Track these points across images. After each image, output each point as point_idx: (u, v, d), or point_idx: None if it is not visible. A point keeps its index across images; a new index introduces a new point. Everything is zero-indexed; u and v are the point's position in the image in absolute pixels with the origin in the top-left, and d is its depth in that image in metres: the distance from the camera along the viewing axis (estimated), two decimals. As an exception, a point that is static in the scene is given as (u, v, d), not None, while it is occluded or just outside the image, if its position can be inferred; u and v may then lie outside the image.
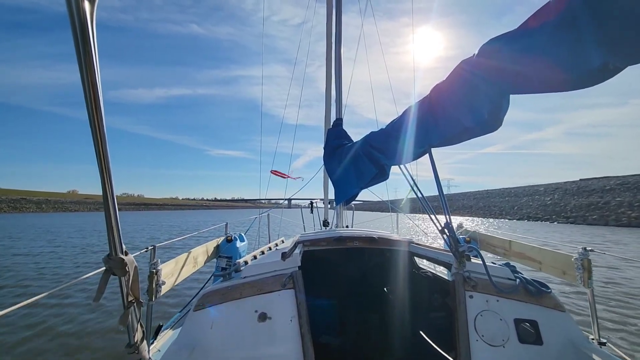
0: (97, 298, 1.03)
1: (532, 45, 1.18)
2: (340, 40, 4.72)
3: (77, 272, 8.07)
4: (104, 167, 0.94)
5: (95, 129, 0.89)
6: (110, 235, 1.02)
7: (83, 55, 0.82)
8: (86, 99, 0.86)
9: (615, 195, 38.65)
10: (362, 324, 2.77)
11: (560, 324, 1.50)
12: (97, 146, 0.91)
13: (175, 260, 2.06)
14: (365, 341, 2.66)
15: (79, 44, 0.81)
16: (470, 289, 1.59)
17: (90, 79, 0.84)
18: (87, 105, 0.87)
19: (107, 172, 0.95)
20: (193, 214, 61.64)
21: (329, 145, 3.39)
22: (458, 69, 1.53)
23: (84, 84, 0.84)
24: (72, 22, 0.78)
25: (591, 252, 1.69)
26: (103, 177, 0.95)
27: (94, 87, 0.85)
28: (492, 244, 2.95)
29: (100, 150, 0.91)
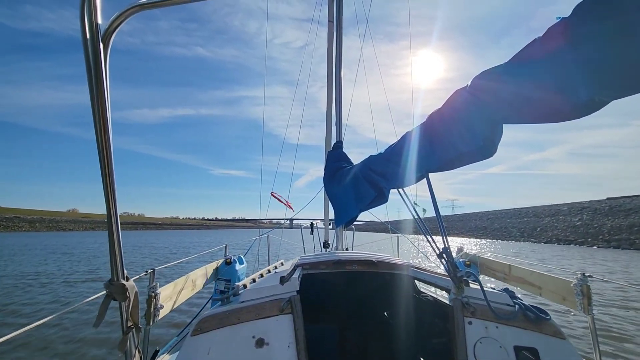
0: (97, 323, 1.04)
1: (521, 79, 1.23)
2: (341, 63, 4.87)
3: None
4: (110, 197, 0.97)
5: (104, 161, 0.93)
6: (112, 261, 1.03)
7: (96, 90, 0.87)
8: (96, 130, 0.91)
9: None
10: (362, 349, 2.71)
11: (561, 352, 1.48)
12: (104, 178, 0.94)
13: (174, 284, 2.06)
14: None
15: (92, 80, 0.86)
16: (469, 315, 1.58)
17: (101, 114, 0.89)
18: (97, 135, 0.91)
19: (112, 202, 0.98)
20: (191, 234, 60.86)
21: (328, 168, 3.44)
22: (453, 96, 1.59)
23: (95, 116, 0.89)
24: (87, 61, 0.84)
25: (590, 277, 1.69)
26: (109, 206, 0.98)
27: (104, 119, 0.89)
28: (492, 268, 2.93)
29: (107, 183, 0.95)
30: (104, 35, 0.86)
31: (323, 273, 2.33)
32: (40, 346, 4.92)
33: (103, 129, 0.92)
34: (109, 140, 0.93)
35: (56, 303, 7.64)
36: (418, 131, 1.85)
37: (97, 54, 0.84)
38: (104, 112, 0.90)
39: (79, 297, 7.96)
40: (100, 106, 0.89)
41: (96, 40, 0.83)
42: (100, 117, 0.90)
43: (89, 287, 9.53)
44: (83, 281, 10.38)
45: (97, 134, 0.92)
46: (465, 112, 1.49)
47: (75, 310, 6.15)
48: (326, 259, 2.41)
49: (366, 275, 2.73)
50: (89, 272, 12.27)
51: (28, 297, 8.23)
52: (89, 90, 0.88)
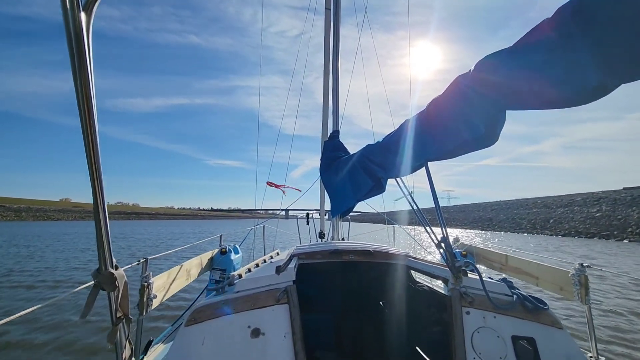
0: (85, 314, 1.00)
1: (527, 63, 1.19)
2: (338, 52, 4.78)
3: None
4: (96, 183, 0.92)
5: (89, 144, 0.87)
6: (100, 249, 0.99)
7: (78, 66, 0.81)
8: (80, 112, 0.85)
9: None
10: (358, 338, 2.72)
11: (558, 341, 1.48)
12: (90, 161, 0.89)
13: (167, 273, 2.02)
14: (361, 356, 2.61)
15: (73, 55, 0.80)
16: (467, 305, 1.57)
17: (84, 91, 0.83)
18: (81, 118, 0.85)
19: (99, 187, 0.93)
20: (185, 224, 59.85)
21: (325, 158, 3.40)
22: (455, 83, 1.54)
23: (77, 95, 0.83)
24: (68, 32, 0.77)
25: (588, 268, 1.68)
26: (95, 192, 0.93)
27: (87, 99, 0.84)
28: (488, 258, 2.93)
29: (93, 166, 0.90)
30: (86, 4, 0.80)
31: (319, 263, 2.31)
32: (24, 339, 4.74)
33: (87, 112, 0.86)
34: (94, 124, 0.88)
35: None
36: (417, 119, 1.80)
37: (77, 26, 0.77)
38: (88, 93, 0.84)
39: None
40: (83, 87, 0.83)
41: (77, 9, 0.76)
42: (84, 99, 0.84)
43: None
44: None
45: (82, 117, 0.86)
46: (468, 99, 1.45)
47: (64, 300, 6.13)
48: (322, 248, 2.38)
49: (362, 265, 2.72)
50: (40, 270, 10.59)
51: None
52: (71, 68, 0.82)
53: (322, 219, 5.61)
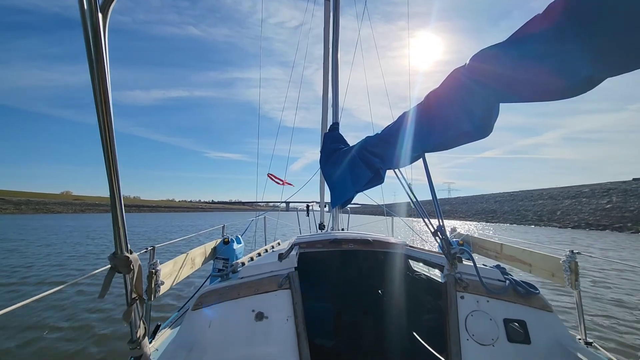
0: (102, 294, 1.07)
1: (520, 57, 1.23)
2: (337, 44, 4.78)
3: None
4: (111, 168, 0.97)
5: (105, 130, 0.92)
6: (116, 234, 1.05)
7: (96, 64, 0.85)
8: (96, 102, 0.90)
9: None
10: (357, 326, 2.80)
11: (547, 324, 1.55)
12: (105, 147, 0.94)
13: (173, 261, 2.09)
14: (360, 343, 2.69)
15: (91, 54, 0.85)
16: (462, 289, 1.64)
17: (101, 86, 0.88)
18: (97, 106, 0.90)
19: (114, 173, 0.98)
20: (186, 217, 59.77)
21: (325, 149, 3.44)
22: (451, 76, 1.59)
23: (95, 89, 0.88)
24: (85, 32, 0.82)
25: (578, 254, 1.75)
26: (110, 178, 0.98)
27: (104, 92, 0.89)
28: (484, 247, 3.01)
29: (108, 151, 0.95)
30: (103, 4, 0.84)
31: (319, 252, 2.37)
32: (46, 319, 5.19)
33: (104, 105, 0.91)
34: (110, 116, 0.93)
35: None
36: (415, 111, 1.85)
37: (96, 26, 0.82)
38: (105, 89, 0.89)
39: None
40: (100, 84, 0.88)
41: (94, 10, 0.81)
42: (101, 91, 0.90)
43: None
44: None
45: (98, 110, 0.91)
46: (463, 92, 1.50)
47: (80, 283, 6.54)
48: (323, 238, 2.45)
49: (361, 254, 2.79)
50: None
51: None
52: (88, 65, 0.86)
53: (322, 210, 5.68)
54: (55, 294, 1.16)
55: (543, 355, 1.49)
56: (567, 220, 37.06)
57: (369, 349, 2.58)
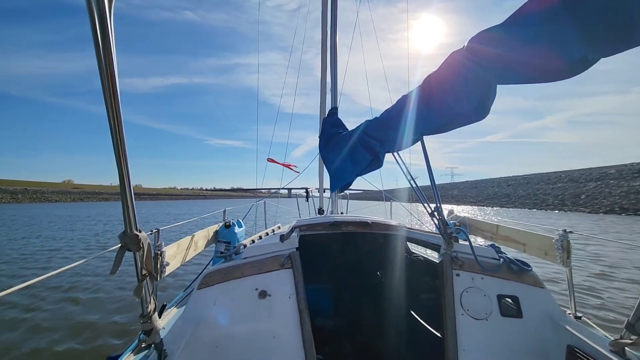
0: (113, 271, 1.12)
1: (517, 38, 1.25)
2: (336, 26, 4.71)
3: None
4: (120, 149, 1.00)
5: (112, 110, 0.94)
6: (125, 213, 1.09)
7: (102, 47, 0.87)
8: (104, 89, 0.92)
9: None
10: (356, 306, 2.89)
11: (539, 299, 1.62)
12: (113, 127, 0.96)
13: (177, 244, 2.15)
14: (359, 323, 2.79)
15: (97, 37, 0.86)
16: (457, 267, 1.70)
17: (109, 70, 0.89)
18: (105, 93, 0.92)
19: (122, 154, 1.01)
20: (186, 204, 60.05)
21: (324, 134, 3.45)
22: (449, 59, 1.60)
23: (101, 73, 0.90)
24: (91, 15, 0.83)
25: (570, 233, 1.80)
26: (119, 159, 1.01)
27: (111, 75, 0.90)
28: (480, 228, 3.07)
29: (116, 132, 0.97)
30: None
31: (319, 235, 2.43)
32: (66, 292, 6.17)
33: (112, 89, 0.93)
34: (117, 98, 0.94)
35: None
36: (414, 94, 1.87)
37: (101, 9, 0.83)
38: (112, 73, 0.91)
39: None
40: (108, 67, 0.90)
41: None
42: (109, 78, 0.92)
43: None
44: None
45: (105, 93, 0.93)
46: (461, 74, 1.51)
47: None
48: (322, 220, 2.50)
49: (360, 237, 2.85)
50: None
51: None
52: (95, 51, 0.88)
53: (322, 195, 5.73)
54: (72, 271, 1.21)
55: (534, 328, 1.56)
56: (597, 204, 33.53)
57: (368, 328, 2.67)
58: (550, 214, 32.42)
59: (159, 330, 1.29)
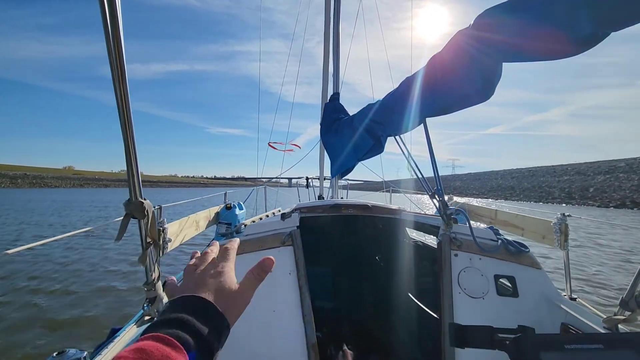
0: (119, 237, 1.14)
1: (524, 15, 1.24)
2: (339, 12, 4.65)
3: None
4: (125, 119, 1.00)
5: (117, 74, 0.95)
6: (130, 181, 1.10)
7: (111, 28, 0.88)
8: (112, 67, 0.94)
9: None
10: (355, 289, 2.93)
11: (535, 280, 1.64)
12: (119, 96, 0.97)
13: (179, 222, 2.16)
14: (357, 305, 2.83)
15: (106, 18, 0.87)
16: (456, 248, 1.72)
17: (117, 50, 0.91)
18: (113, 69, 0.94)
19: (128, 124, 1.02)
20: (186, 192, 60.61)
21: (325, 120, 3.45)
22: (455, 38, 1.59)
23: (110, 53, 0.92)
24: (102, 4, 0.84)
25: (569, 217, 1.82)
26: (125, 128, 1.02)
27: (120, 56, 0.92)
28: (479, 213, 3.10)
29: (122, 101, 0.98)
30: None
31: (320, 218, 2.45)
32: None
33: (120, 66, 0.94)
34: (124, 73, 0.95)
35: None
36: (417, 76, 1.86)
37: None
38: (120, 52, 0.92)
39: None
40: (116, 47, 0.91)
41: None
42: (117, 55, 0.93)
43: None
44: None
45: (113, 69, 0.94)
46: (467, 53, 1.50)
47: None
48: (323, 203, 2.52)
49: (360, 220, 2.87)
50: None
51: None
52: (104, 31, 0.89)
53: (322, 183, 5.75)
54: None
55: (529, 307, 1.59)
56: (607, 198, 32.86)
57: (366, 310, 2.71)
58: (557, 207, 31.10)
59: (162, 298, 1.31)
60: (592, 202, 33.54)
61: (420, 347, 2.16)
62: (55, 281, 5.79)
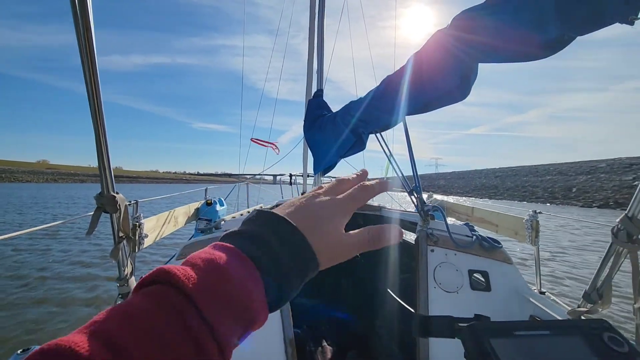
0: (90, 232, 1.11)
1: (497, 18, 1.28)
2: (324, 8, 4.65)
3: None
4: (96, 108, 0.97)
5: (88, 66, 0.92)
6: (102, 174, 1.07)
7: (81, 18, 0.85)
8: (81, 54, 0.90)
9: None
10: (335, 287, 2.95)
11: (507, 274, 1.70)
12: (89, 86, 0.94)
13: (156, 217, 2.12)
14: (337, 302, 2.86)
15: (76, 10, 0.83)
16: (432, 244, 1.76)
17: (87, 41, 0.87)
18: (82, 59, 0.90)
19: (99, 114, 0.98)
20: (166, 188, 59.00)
21: (309, 116, 3.44)
22: (433, 37, 1.62)
23: (80, 44, 0.88)
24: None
25: (540, 214, 1.90)
26: (95, 118, 0.98)
27: (89, 39, 0.88)
28: (457, 211, 3.19)
29: (93, 91, 0.94)
30: None
31: None
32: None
33: (89, 53, 0.90)
34: (94, 61, 0.91)
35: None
36: (397, 74, 1.88)
37: None
38: (91, 44, 0.89)
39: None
40: (86, 35, 0.88)
41: None
42: (87, 46, 0.89)
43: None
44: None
45: (83, 59, 0.90)
46: (444, 52, 1.54)
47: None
48: None
49: None
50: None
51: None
52: (73, 22, 0.85)
53: (305, 180, 5.75)
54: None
55: (501, 301, 1.65)
56: (590, 198, 32.95)
57: (346, 307, 2.74)
58: (541, 207, 30.07)
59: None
60: (576, 202, 33.67)
61: (398, 341, 2.21)
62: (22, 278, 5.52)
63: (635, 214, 1.08)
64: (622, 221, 1.10)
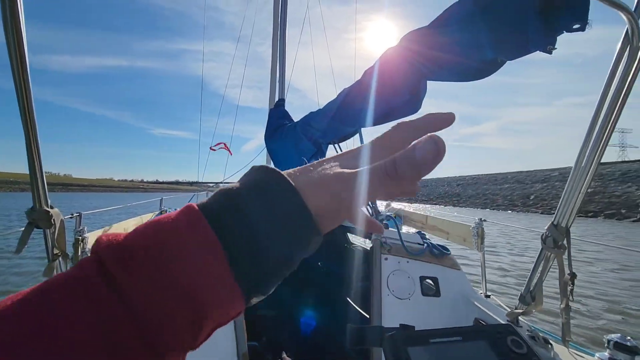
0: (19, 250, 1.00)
1: (441, 40, 1.38)
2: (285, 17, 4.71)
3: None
4: (27, 113, 0.87)
5: (17, 66, 0.84)
6: (34, 187, 0.97)
7: (10, 14, 0.78)
8: (9, 44, 0.82)
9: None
10: (297, 296, 2.94)
11: (455, 280, 1.80)
12: (18, 89, 0.85)
13: (103, 230, 1.99)
14: (298, 311, 2.84)
15: (5, 3, 0.77)
16: (386, 252, 1.82)
17: (16, 33, 0.80)
18: (10, 48, 0.82)
19: (30, 120, 0.89)
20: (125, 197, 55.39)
21: (270, 125, 3.44)
22: (385, 55, 1.70)
23: (7, 32, 0.80)
24: None
25: (484, 222, 2.04)
26: (26, 124, 0.88)
27: (18, 34, 0.80)
28: (413, 219, 3.33)
29: (23, 94, 0.86)
30: None
31: None
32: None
33: (18, 46, 0.83)
34: (24, 56, 0.84)
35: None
36: (354, 87, 1.95)
37: None
38: (19, 28, 0.82)
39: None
40: (14, 24, 0.81)
41: None
42: (14, 29, 0.82)
43: None
44: None
45: (11, 54, 0.83)
46: (394, 68, 1.62)
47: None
48: None
49: None
50: None
51: None
52: (2, 17, 0.78)
53: None
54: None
55: (449, 305, 1.73)
56: (547, 205, 33.56)
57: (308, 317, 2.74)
58: (503, 214, 31.10)
59: None
60: (535, 209, 33.96)
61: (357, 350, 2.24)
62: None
63: (559, 221, 1.18)
64: (549, 229, 1.21)
